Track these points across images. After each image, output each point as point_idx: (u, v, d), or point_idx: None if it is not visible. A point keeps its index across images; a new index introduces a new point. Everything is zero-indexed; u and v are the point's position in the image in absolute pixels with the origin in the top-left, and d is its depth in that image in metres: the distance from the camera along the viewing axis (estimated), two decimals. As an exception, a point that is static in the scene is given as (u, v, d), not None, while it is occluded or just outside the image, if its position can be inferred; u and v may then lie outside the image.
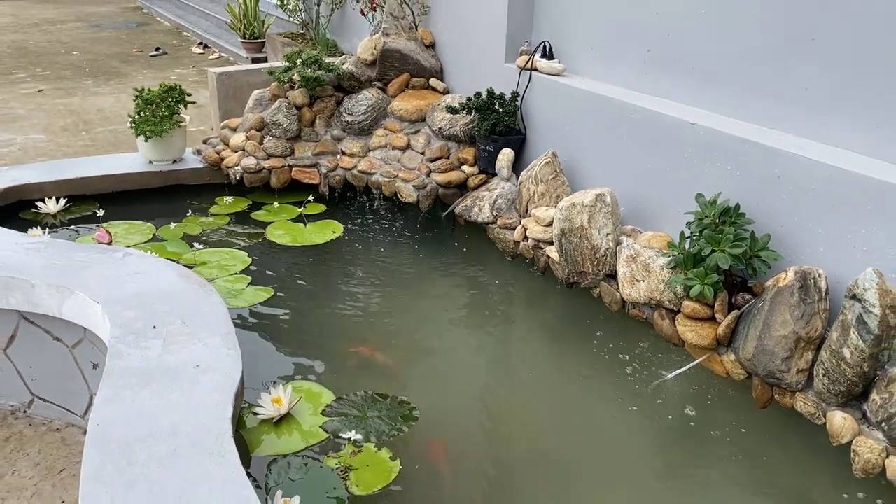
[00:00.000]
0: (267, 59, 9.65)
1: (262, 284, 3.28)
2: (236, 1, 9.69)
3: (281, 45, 9.14)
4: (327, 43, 8.08)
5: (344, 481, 2.21)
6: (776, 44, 2.79)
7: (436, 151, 3.96)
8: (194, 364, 2.44)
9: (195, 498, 1.79)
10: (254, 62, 9.64)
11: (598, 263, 3.10)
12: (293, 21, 8.86)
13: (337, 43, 8.26)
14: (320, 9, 8.35)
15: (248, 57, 9.82)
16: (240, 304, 3.10)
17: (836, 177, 2.49)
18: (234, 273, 3.34)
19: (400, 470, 2.28)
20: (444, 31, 4.38)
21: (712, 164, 2.93)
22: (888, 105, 2.48)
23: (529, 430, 2.55)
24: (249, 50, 9.83)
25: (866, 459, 2.23)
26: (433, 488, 2.25)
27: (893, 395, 2.21)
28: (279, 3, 8.58)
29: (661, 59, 3.28)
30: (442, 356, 2.96)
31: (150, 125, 3.95)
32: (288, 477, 2.22)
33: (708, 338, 2.69)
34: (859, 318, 2.25)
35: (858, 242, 2.46)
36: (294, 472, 2.24)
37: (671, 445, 2.50)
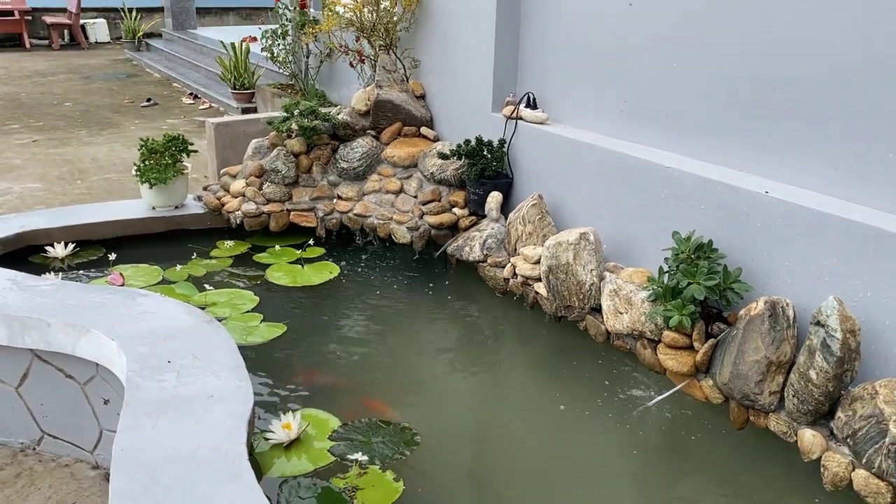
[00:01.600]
0: (257, 109, 9.93)
1: (274, 322, 3.46)
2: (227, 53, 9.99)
3: (271, 95, 9.44)
4: (316, 93, 8.37)
5: (351, 501, 2.36)
6: (741, 95, 3.06)
7: (428, 195, 4.19)
8: (208, 394, 2.59)
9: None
10: (244, 112, 9.92)
11: (584, 298, 3.31)
12: (282, 72, 9.17)
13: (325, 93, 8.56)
14: (309, 61, 8.67)
15: (238, 107, 10.09)
16: (256, 339, 3.27)
17: (799, 214, 2.74)
18: (244, 312, 3.51)
19: (403, 490, 2.44)
20: (433, 83, 4.65)
21: (686, 203, 3.17)
22: (842, 149, 2.74)
23: (521, 453, 2.73)
24: (240, 100, 10.11)
25: (834, 473, 2.42)
26: None
27: (856, 413, 2.41)
28: (269, 56, 8.88)
29: (636, 109, 3.55)
30: (438, 386, 3.14)
31: (155, 173, 4.15)
32: (298, 496, 2.36)
33: (687, 365, 2.89)
34: (823, 342, 2.47)
35: (821, 273, 2.69)
36: (304, 492, 2.39)
37: (654, 467, 2.68)
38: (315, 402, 2.89)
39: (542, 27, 3.99)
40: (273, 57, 8.71)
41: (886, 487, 2.30)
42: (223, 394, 2.60)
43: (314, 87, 8.63)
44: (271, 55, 8.77)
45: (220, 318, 3.35)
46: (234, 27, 16.01)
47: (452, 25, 4.39)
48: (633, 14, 3.48)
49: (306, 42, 8.30)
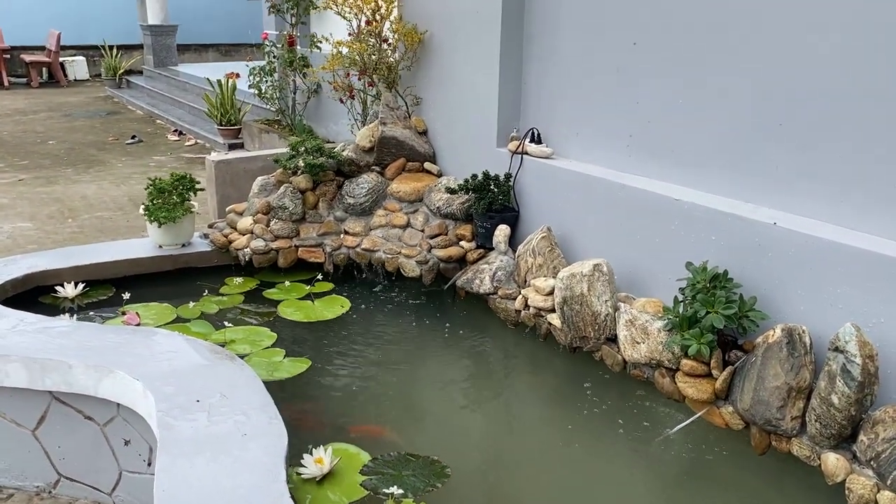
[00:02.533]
0: (244, 145, 9.98)
1: (296, 357, 3.48)
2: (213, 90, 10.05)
3: (258, 131, 9.50)
4: (303, 128, 8.46)
5: None
6: (747, 128, 3.18)
7: (435, 229, 4.26)
8: (241, 433, 2.61)
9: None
10: (231, 148, 9.97)
11: (600, 328, 3.38)
12: (269, 108, 9.25)
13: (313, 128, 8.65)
14: (296, 96, 8.77)
15: (224, 143, 10.13)
16: (282, 375, 3.29)
17: (809, 243, 2.84)
18: (264, 348, 3.53)
19: None
20: (435, 119, 4.74)
21: (697, 235, 3.27)
22: (848, 180, 2.86)
23: (549, 484, 2.77)
24: (226, 136, 10.15)
25: (860, 495, 2.49)
26: None
27: (879, 436, 2.50)
28: (257, 92, 8.96)
29: (642, 143, 3.67)
30: (461, 418, 3.18)
31: (164, 212, 4.17)
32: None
33: (707, 392, 2.96)
34: (843, 367, 2.55)
35: (833, 300, 2.79)
36: (340, 529, 2.41)
37: (679, 495, 2.74)
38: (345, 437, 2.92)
39: (545, 65, 4.11)
40: (261, 93, 8.79)
41: (912, 507, 2.37)
42: (256, 431, 2.62)
43: (301, 122, 8.71)
44: (259, 91, 8.85)
45: (242, 355, 3.36)
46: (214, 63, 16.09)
47: (455, 64, 4.50)
48: (637, 52, 3.61)
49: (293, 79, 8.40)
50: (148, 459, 3.15)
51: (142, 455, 3.16)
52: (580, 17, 3.87)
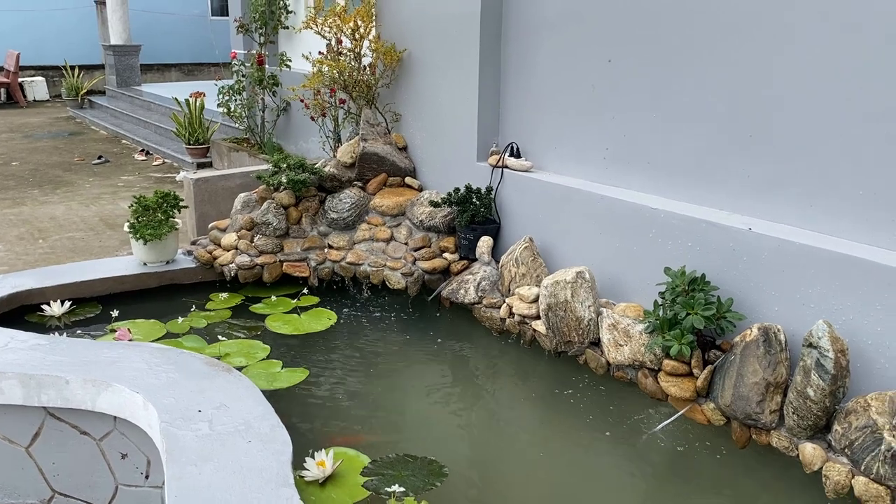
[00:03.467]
0: (212, 164, 9.98)
1: (293, 367, 3.55)
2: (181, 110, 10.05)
3: (227, 149, 9.52)
4: (273, 147, 8.53)
5: None
6: (719, 140, 3.37)
7: (418, 241, 4.37)
8: (246, 440, 2.68)
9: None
10: (199, 167, 9.96)
11: (583, 333, 3.51)
12: (238, 127, 9.29)
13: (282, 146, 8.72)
14: (265, 115, 8.83)
15: (193, 162, 10.12)
16: (282, 384, 3.36)
17: (782, 247, 3.02)
18: (260, 360, 3.59)
19: None
20: (415, 135, 4.87)
21: (674, 242, 3.43)
22: (815, 188, 3.05)
23: (541, 483, 2.89)
24: (194, 155, 10.14)
25: (836, 482, 2.65)
26: None
27: (852, 425, 2.67)
28: (226, 111, 9.01)
29: (619, 156, 3.83)
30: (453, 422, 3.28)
31: (150, 229, 4.21)
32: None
33: (688, 391, 3.11)
34: (817, 362, 2.72)
35: (806, 300, 2.96)
36: (346, 527, 2.49)
37: (665, 490, 2.88)
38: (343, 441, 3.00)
39: (523, 81, 4.27)
40: (230, 112, 8.84)
41: (885, 491, 2.54)
42: (260, 437, 2.68)
43: (271, 140, 8.77)
44: (228, 110, 8.90)
45: (239, 368, 3.42)
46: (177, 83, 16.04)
47: (435, 82, 4.63)
48: (612, 69, 3.79)
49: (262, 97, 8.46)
50: (146, 472, 3.18)
51: (139, 468, 3.19)
52: (556, 36, 4.04)
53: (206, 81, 15.28)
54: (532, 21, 4.14)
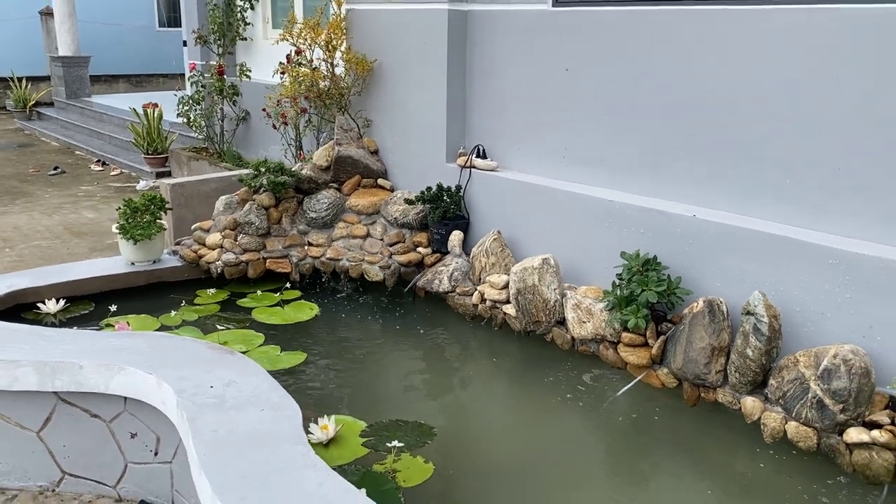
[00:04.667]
0: (171, 173, 10.14)
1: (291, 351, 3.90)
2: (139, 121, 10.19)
3: (186, 158, 9.71)
4: (233, 155, 8.77)
5: (393, 479, 2.83)
6: (664, 139, 3.83)
7: (393, 237, 4.72)
8: (259, 409, 2.98)
9: (314, 491, 2.36)
10: (158, 176, 10.11)
11: (550, 313, 3.92)
12: (197, 136, 9.50)
13: (241, 155, 8.97)
14: (224, 124, 9.06)
15: (151, 171, 10.25)
16: (283, 365, 3.67)
17: (722, 231, 3.49)
18: (258, 346, 3.89)
19: (434, 469, 2.94)
20: (386, 139, 5.23)
21: (628, 229, 3.87)
22: (748, 178, 3.53)
23: (517, 442, 3.30)
24: (153, 165, 10.28)
25: (772, 428, 3.10)
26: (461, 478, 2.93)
27: (784, 379, 3.12)
28: (186, 121, 9.21)
29: (577, 156, 4.27)
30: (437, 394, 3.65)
31: (140, 229, 4.46)
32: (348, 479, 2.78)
33: (645, 358, 3.54)
34: (754, 326, 3.18)
35: (742, 275, 3.43)
36: (351, 477, 2.82)
37: (627, 444, 3.29)
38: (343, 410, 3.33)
39: (487, 89, 4.68)
40: (190, 121, 9.05)
41: (812, 432, 3.00)
42: (272, 406, 2.98)
43: (231, 149, 9.00)
44: (188, 120, 9.10)
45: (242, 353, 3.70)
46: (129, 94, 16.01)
47: (405, 90, 5.00)
48: (569, 77, 4.22)
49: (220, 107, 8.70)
50: (155, 450, 3.43)
51: (148, 446, 3.43)
52: (516, 48, 4.46)
53: (156, 92, 15.33)
54: (494, 35, 4.55)
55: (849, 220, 3.24)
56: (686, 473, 3.06)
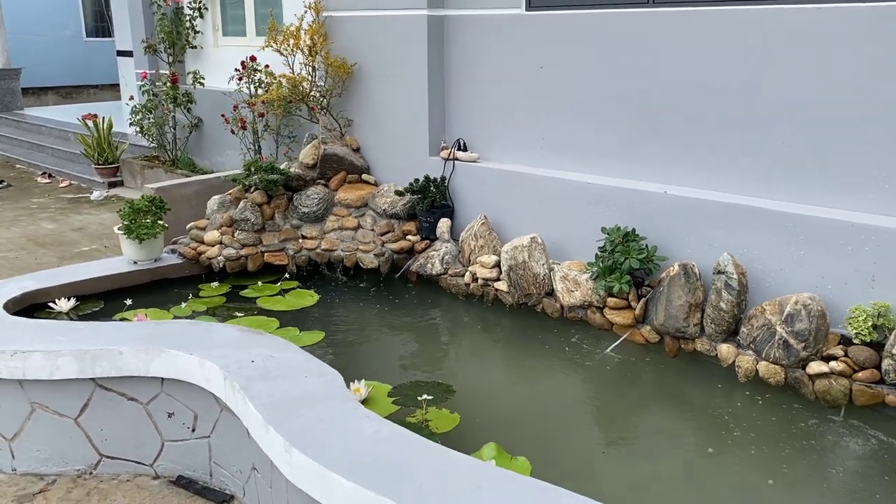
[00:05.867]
0: (123, 183, 10.18)
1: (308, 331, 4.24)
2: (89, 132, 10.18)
3: (139, 167, 9.80)
4: (187, 162, 8.95)
5: (427, 428, 3.22)
6: (635, 125, 4.33)
7: (384, 227, 5.09)
8: (303, 376, 3.29)
9: (373, 436, 2.69)
10: (111, 186, 10.14)
11: (540, 285, 4.37)
12: (149, 145, 9.60)
13: (195, 161, 9.15)
14: (177, 131, 9.21)
15: (103, 181, 10.25)
16: (305, 343, 3.99)
17: (691, 204, 4.00)
18: (275, 328, 4.19)
19: (460, 419, 3.34)
20: (368, 137, 5.59)
21: (605, 208, 4.36)
22: (711, 156, 4.06)
23: (521, 396, 3.73)
24: (104, 175, 10.27)
25: (745, 369, 3.62)
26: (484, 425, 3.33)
27: (753, 326, 3.65)
28: (138, 130, 9.32)
29: (553, 145, 4.74)
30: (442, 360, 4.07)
31: (145, 229, 4.69)
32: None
33: (629, 318, 4.02)
34: (726, 283, 3.69)
35: (711, 241, 3.95)
36: (391, 428, 3.19)
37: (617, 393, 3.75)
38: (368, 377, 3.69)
39: (466, 87, 5.10)
40: (143, 130, 9.15)
41: (780, 369, 3.53)
42: (312, 373, 3.29)
43: (186, 156, 9.15)
44: (141, 129, 9.20)
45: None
46: (56, 107, 15.75)
47: (386, 90, 5.38)
48: (544, 74, 4.69)
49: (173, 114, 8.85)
50: (192, 426, 3.67)
51: (185, 423, 3.67)
52: (493, 49, 4.90)
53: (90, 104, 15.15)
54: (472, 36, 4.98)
55: (800, 188, 3.81)
56: (671, 413, 3.55)
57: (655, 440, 3.32)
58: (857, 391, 3.32)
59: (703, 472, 3.07)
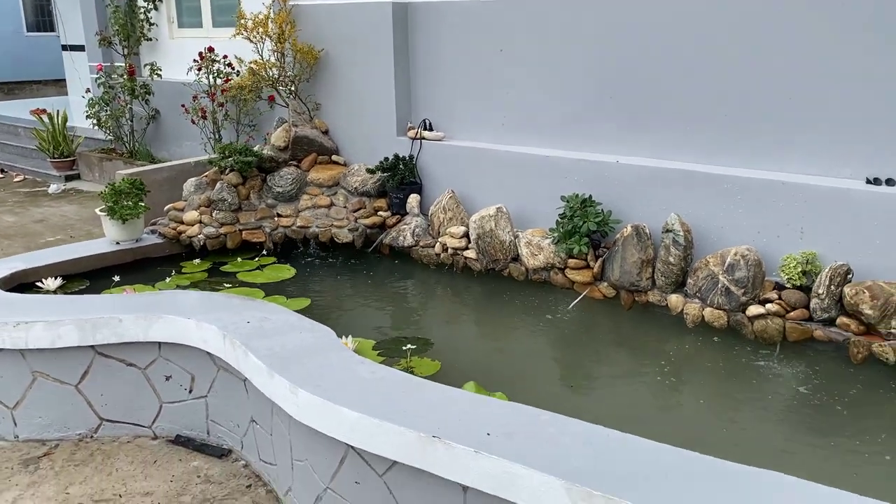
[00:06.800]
0: (80, 176, 10.22)
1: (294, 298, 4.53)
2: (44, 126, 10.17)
3: (97, 160, 9.87)
4: (145, 153, 9.08)
5: (412, 372, 3.56)
6: (589, 102, 4.74)
7: (355, 204, 5.40)
8: (297, 332, 3.57)
9: (370, 377, 2.98)
10: (68, 179, 10.17)
11: (506, 251, 4.74)
12: (106, 137, 9.67)
13: (152, 152, 9.28)
14: (134, 123, 9.31)
15: (60, 175, 10.26)
16: (296, 308, 4.25)
17: (639, 171, 4.43)
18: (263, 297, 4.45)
19: (441, 365, 3.70)
20: (336, 119, 5.88)
21: (563, 178, 4.76)
22: (657, 128, 4.49)
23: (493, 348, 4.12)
24: (60, 168, 10.29)
25: (693, 315, 4.06)
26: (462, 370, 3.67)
27: (699, 277, 4.09)
28: (95, 122, 9.39)
29: (513, 123, 5.12)
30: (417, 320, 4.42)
31: (128, 210, 4.91)
32: (389, 380, 3.48)
33: (588, 277, 4.43)
34: (673, 240, 4.13)
35: (659, 204, 4.38)
36: (384, 376, 3.53)
37: (580, 343, 4.16)
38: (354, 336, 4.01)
39: (431, 70, 5.44)
40: (100, 123, 9.23)
41: (723, 313, 3.98)
42: (306, 329, 3.56)
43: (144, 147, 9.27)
44: (98, 121, 9.28)
45: (254, 300, 4.27)
46: (1, 102, 15.49)
47: (354, 75, 5.68)
48: (503, 56, 5.06)
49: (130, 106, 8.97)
50: (189, 388, 3.90)
51: (183, 385, 3.88)
52: (456, 34, 5.25)
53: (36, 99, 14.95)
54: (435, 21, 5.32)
55: (737, 154, 4.26)
56: (627, 358, 3.97)
57: (614, 378, 3.74)
58: (790, 329, 3.78)
59: (658, 401, 3.49)
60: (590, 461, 2.33)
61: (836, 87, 3.90)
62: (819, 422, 3.27)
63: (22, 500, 3.43)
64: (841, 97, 3.89)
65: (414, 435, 2.56)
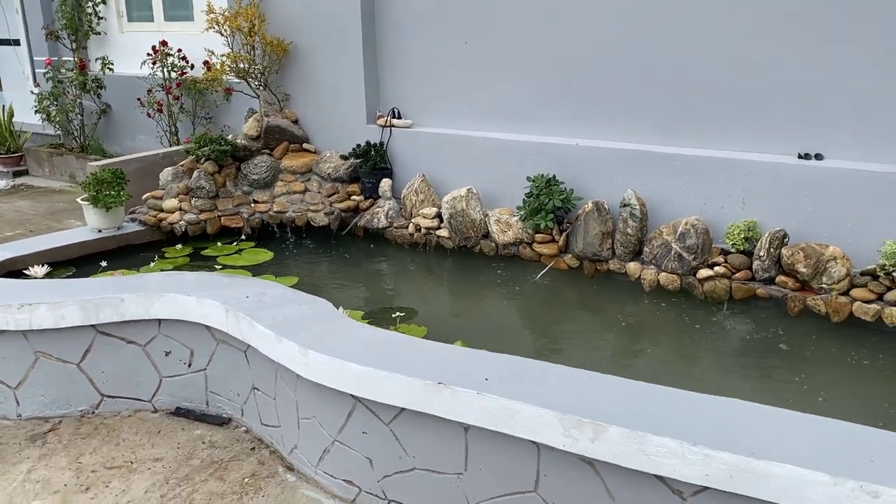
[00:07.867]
0: (28, 172, 10.15)
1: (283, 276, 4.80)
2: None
3: (47, 155, 9.84)
4: (97, 148, 9.13)
5: None
6: (549, 90, 5.14)
7: (329, 190, 5.68)
8: (297, 304, 3.84)
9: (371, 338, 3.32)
10: (16, 176, 10.09)
11: (477, 229, 5.11)
12: (56, 132, 9.65)
13: (104, 147, 9.33)
14: (84, 118, 9.33)
15: (7, 171, 10.17)
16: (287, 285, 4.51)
17: (598, 153, 4.85)
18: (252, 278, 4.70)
19: (427, 330, 4.05)
20: (306, 109, 6.14)
21: (528, 161, 5.15)
22: (613, 112, 4.92)
23: (470, 317, 4.47)
24: (7, 164, 10.19)
25: (649, 280, 4.51)
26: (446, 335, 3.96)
27: (654, 245, 4.53)
28: (45, 117, 9.37)
29: (479, 110, 5.48)
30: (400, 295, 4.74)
31: (111, 198, 5.09)
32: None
33: (554, 249, 4.83)
34: (630, 213, 4.56)
35: (616, 182, 4.81)
36: (380, 342, 3.85)
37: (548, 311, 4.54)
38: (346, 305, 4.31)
39: (399, 61, 5.75)
40: (50, 118, 9.21)
41: (676, 277, 4.43)
42: (304, 301, 3.83)
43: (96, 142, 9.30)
44: (47, 116, 9.26)
45: (246, 278, 4.51)
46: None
47: (323, 66, 5.95)
48: (469, 48, 5.42)
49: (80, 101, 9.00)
50: (188, 362, 4.10)
51: (182, 360, 4.08)
52: (423, 25, 5.57)
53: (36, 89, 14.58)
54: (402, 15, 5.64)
55: (685, 134, 4.72)
56: (590, 322, 4.38)
57: (580, 336, 4.15)
58: (736, 288, 4.26)
59: (620, 355, 3.92)
60: (575, 396, 2.71)
61: (772, 73, 4.38)
62: (763, 365, 3.74)
63: (37, 470, 3.60)
64: (777, 82, 4.37)
65: (421, 383, 2.87)
